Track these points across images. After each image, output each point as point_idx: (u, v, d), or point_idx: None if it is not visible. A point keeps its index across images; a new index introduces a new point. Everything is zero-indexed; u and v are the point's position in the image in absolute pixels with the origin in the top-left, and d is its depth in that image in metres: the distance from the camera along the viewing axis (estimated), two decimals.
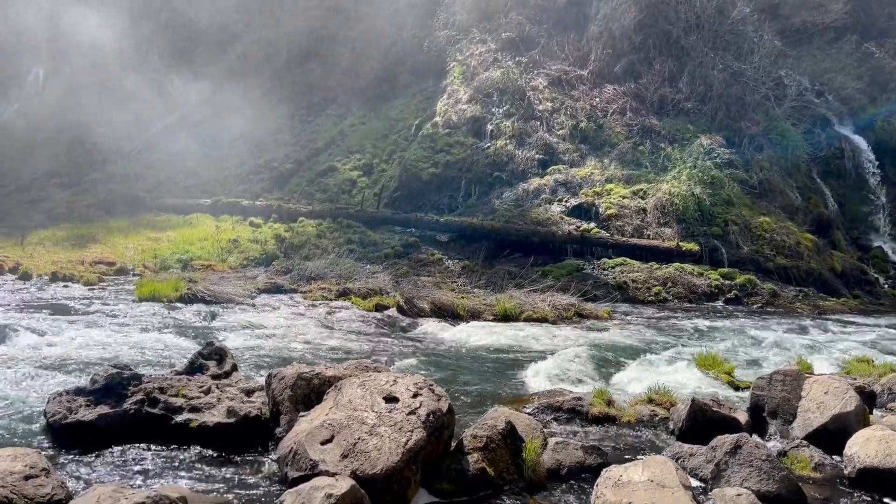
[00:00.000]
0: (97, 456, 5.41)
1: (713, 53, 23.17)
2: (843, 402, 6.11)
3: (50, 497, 4.36)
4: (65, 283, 15.25)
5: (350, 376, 5.70)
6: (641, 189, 19.90)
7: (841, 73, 24.26)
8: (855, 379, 7.72)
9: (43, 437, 5.77)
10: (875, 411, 6.92)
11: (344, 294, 14.78)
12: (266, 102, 28.89)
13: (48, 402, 6.01)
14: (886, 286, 19.03)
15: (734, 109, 22.36)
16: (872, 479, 5.35)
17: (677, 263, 17.38)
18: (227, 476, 5.18)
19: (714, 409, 6.34)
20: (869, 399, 6.89)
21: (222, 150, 27.40)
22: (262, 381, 6.56)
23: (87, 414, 5.79)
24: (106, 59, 30.06)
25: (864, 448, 5.51)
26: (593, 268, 17.52)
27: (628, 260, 17.63)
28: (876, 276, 19.46)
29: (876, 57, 24.70)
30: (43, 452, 5.05)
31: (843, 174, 22.48)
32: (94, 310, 12.12)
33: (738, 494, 4.71)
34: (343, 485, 4.24)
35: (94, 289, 14.71)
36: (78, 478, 5.01)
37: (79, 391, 6.08)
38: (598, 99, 23.18)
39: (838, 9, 24.99)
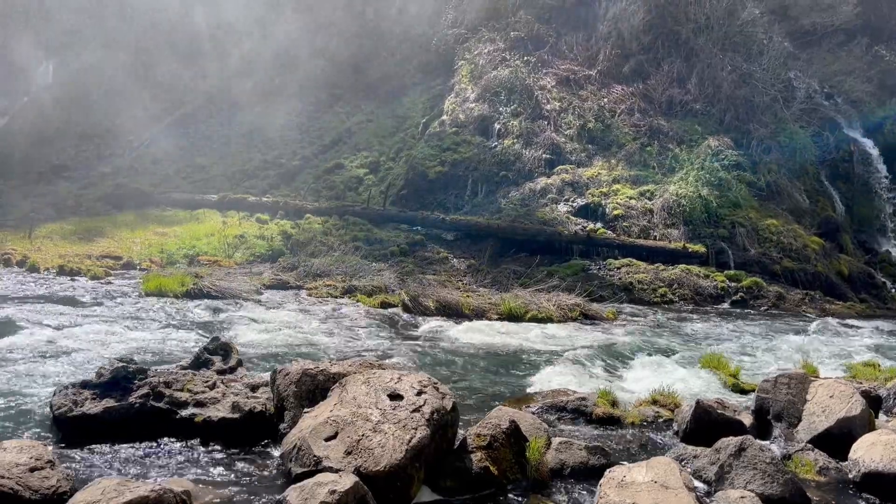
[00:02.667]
0: (102, 449, 5.43)
1: (722, 55, 23.09)
2: (848, 406, 6.09)
3: (55, 489, 4.39)
4: (72, 277, 15.32)
5: (355, 373, 5.71)
6: (648, 190, 19.85)
7: (850, 75, 24.13)
8: (861, 383, 7.69)
9: (48, 429, 5.80)
10: (881, 415, 6.90)
11: (349, 291, 14.80)
12: (274, 98, 28.94)
13: (54, 394, 6.04)
14: (894, 291, 18.92)
15: (743, 111, 22.28)
16: (877, 483, 5.33)
17: (683, 265, 17.33)
18: (231, 471, 5.20)
19: (718, 411, 6.33)
20: (874, 403, 6.87)
21: (230, 146, 27.47)
22: (266, 376, 6.57)
23: (93, 407, 5.81)
24: (114, 54, 30.15)
25: (869, 452, 5.49)
26: (599, 268, 17.48)
27: (634, 261, 17.58)
28: (883, 280, 19.35)
29: (886, 60, 24.57)
30: (48, 445, 5.07)
31: (851, 177, 22.36)
32: (101, 304, 12.17)
33: (742, 497, 4.70)
34: (346, 481, 4.25)
35: (100, 283, 14.76)
36: (83, 470, 5.04)
37: (84, 384, 6.11)
38: (606, 99, 23.13)
39: (848, 11, 24.85)
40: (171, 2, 30.63)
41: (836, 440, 5.93)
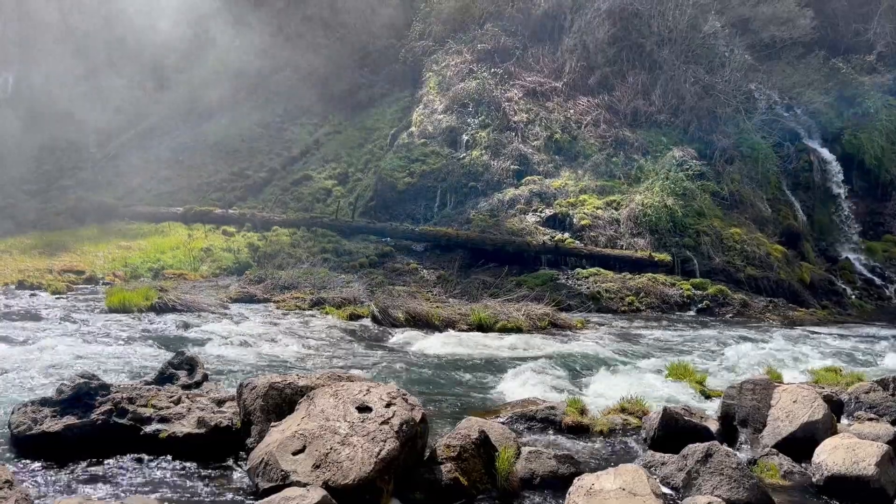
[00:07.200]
0: (63, 468, 5.30)
1: (685, 67, 23.49)
2: (811, 410, 6.19)
3: None
4: (32, 292, 14.96)
5: (322, 386, 5.66)
6: (615, 200, 20.08)
7: (809, 87, 24.71)
8: (823, 388, 7.83)
9: (7, 449, 5.64)
10: (842, 419, 7.03)
11: (318, 303, 14.69)
12: (241, 110, 28.71)
13: (13, 412, 5.87)
14: (854, 297, 19.36)
15: (706, 122, 22.67)
16: (839, 486, 5.43)
17: (650, 274, 17.54)
18: (197, 487, 5.11)
19: (685, 417, 6.40)
20: (836, 408, 6.99)
21: (195, 158, 27.13)
22: (233, 391, 6.48)
23: (53, 425, 5.67)
24: (77, 66, 29.65)
25: (831, 456, 5.59)
26: (567, 278, 17.61)
27: (602, 270, 17.74)
28: (843, 287, 19.79)
29: (843, 72, 25.21)
30: (6, 465, 4.93)
31: (811, 186, 22.86)
32: (62, 319, 11.91)
33: (709, 503, 4.75)
34: (314, 495, 4.21)
35: (62, 297, 14.44)
36: (43, 490, 4.91)
37: (45, 402, 5.96)
38: (572, 110, 23.38)
39: (806, 25, 25.47)
40: (136, 12, 30.26)
41: (800, 444, 6.02)
